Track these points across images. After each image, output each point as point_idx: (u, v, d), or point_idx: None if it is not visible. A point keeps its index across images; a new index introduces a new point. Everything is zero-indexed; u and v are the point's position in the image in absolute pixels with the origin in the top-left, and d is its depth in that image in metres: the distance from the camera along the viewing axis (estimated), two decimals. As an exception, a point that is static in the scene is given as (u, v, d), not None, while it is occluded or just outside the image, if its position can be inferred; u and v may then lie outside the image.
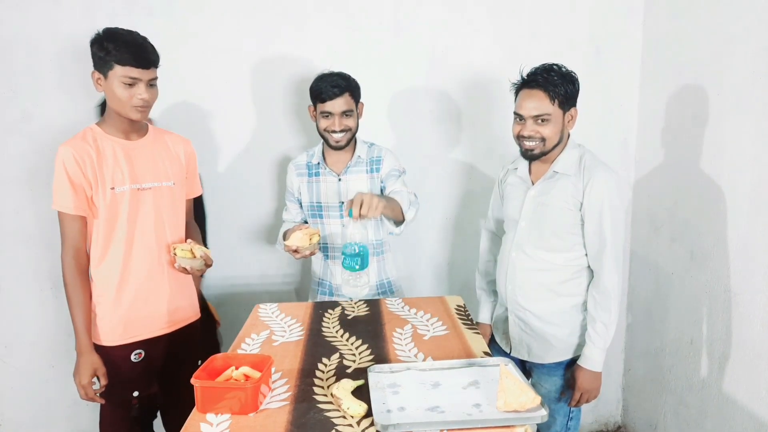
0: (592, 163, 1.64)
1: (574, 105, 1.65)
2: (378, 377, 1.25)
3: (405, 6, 2.32)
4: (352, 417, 1.12)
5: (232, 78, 2.31)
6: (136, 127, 1.69)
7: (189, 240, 1.73)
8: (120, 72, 1.54)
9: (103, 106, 1.96)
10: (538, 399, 1.10)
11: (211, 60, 2.28)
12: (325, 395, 1.21)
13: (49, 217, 2.28)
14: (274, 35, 2.30)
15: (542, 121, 1.60)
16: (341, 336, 1.55)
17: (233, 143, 2.36)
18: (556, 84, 1.58)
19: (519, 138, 1.66)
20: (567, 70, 1.62)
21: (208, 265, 1.73)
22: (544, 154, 1.65)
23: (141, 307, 1.68)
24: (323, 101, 1.86)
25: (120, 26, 1.60)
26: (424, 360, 1.39)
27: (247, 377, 1.22)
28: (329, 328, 1.61)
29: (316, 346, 1.48)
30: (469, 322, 1.64)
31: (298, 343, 1.51)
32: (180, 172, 1.78)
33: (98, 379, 1.65)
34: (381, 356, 1.41)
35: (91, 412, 2.44)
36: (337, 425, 1.09)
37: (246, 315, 1.75)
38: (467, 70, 2.40)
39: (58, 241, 2.27)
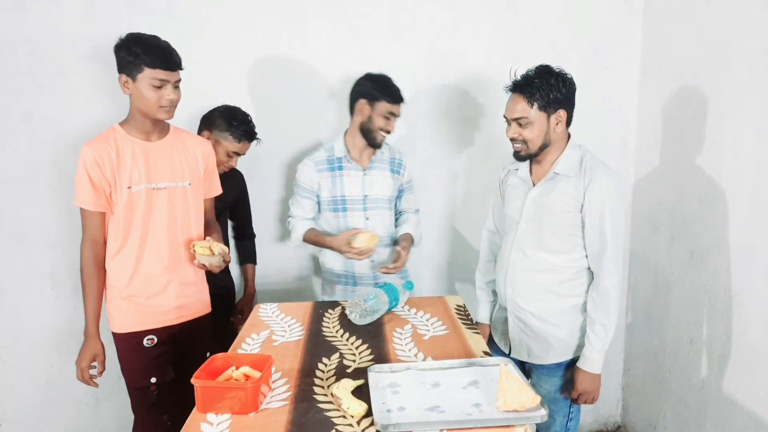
0: (593, 165, 1.64)
1: (563, 107, 1.64)
2: (378, 377, 1.25)
3: (404, 8, 2.33)
4: (352, 417, 1.12)
5: (232, 79, 2.31)
6: (158, 128, 1.76)
7: (208, 238, 1.78)
8: (149, 74, 1.62)
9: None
10: (537, 399, 1.10)
11: (211, 61, 2.28)
12: (325, 395, 1.22)
13: (50, 217, 2.29)
14: (274, 37, 2.30)
15: (522, 124, 1.64)
16: (341, 336, 1.55)
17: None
18: (536, 88, 1.60)
19: (510, 140, 1.71)
20: (558, 72, 1.63)
21: (226, 262, 1.78)
22: (530, 156, 1.69)
23: (150, 300, 1.75)
24: (394, 103, 2.01)
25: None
26: (424, 360, 1.39)
27: (247, 377, 1.22)
28: (329, 328, 1.61)
29: (316, 346, 1.49)
30: (468, 322, 1.64)
31: (298, 343, 1.51)
32: (197, 172, 1.84)
33: (98, 365, 1.77)
34: (381, 356, 1.42)
35: (92, 411, 2.45)
36: (337, 425, 1.10)
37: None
38: (467, 70, 2.40)
39: (58, 241, 2.30)
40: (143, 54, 1.60)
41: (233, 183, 2.21)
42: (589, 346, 1.66)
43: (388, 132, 2.04)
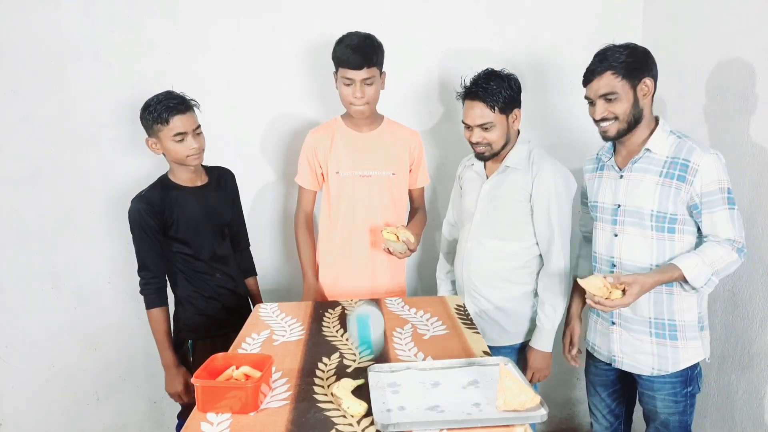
0: (539, 158, 1.79)
1: (517, 106, 1.79)
2: (378, 376, 1.25)
3: (404, 7, 2.33)
4: (352, 416, 1.12)
5: (233, 78, 2.31)
6: (369, 121, 1.97)
7: (400, 225, 1.91)
8: (341, 74, 1.84)
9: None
10: (537, 398, 1.10)
11: (211, 60, 2.28)
12: (326, 394, 1.22)
13: (50, 217, 2.29)
14: (274, 36, 2.30)
15: (486, 128, 1.75)
16: (341, 335, 1.55)
17: (233, 145, 2.35)
18: (494, 93, 1.72)
19: (470, 143, 1.82)
20: (506, 74, 1.76)
21: (411, 250, 1.88)
22: (494, 155, 1.81)
23: (344, 276, 1.99)
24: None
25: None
26: (424, 359, 1.39)
27: (247, 377, 1.22)
28: (329, 327, 1.62)
29: (317, 346, 1.49)
30: (468, 322, 1.64)
31: (298, 343, 1.51)
32: (403, 163, 2.01)
33: None
34: (381, 356, 1.42)
35: (92, 411, 2.45)
36: (337, 424, 1.10)
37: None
38: (466, 70, 2.39)
39: (58, 240, 2.29)
40: (335, 56, 1.84)
41: (226, 190, 2.01)
42: (540, 326, 1.81)
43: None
